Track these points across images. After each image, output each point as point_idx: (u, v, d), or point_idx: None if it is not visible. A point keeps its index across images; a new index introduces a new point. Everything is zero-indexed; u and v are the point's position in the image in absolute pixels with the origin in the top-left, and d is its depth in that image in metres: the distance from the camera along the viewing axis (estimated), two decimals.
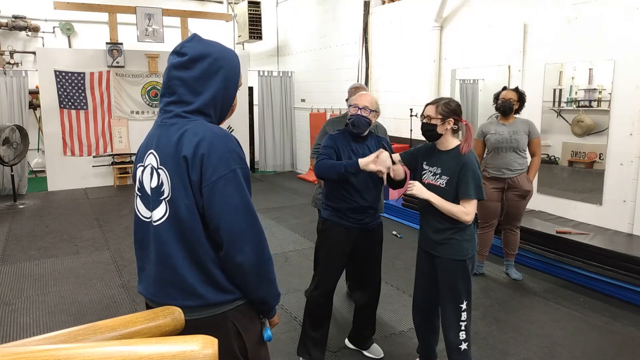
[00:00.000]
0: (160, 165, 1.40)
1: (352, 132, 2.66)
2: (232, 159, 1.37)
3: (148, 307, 1.53)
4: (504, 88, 4.06)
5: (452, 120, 2.37)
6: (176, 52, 1.46)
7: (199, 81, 1.42)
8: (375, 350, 3.00)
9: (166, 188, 1.39)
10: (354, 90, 3.47)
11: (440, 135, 2.41)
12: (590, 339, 3.15)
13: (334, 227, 2.70)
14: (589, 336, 3.19)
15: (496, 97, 4.03)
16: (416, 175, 2.58)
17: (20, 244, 5.22)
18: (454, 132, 2.44)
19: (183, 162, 1.35)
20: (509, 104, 3.90)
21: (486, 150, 4.06)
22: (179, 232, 1.38)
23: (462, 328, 2.43)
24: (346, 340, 3.11)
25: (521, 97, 3.93)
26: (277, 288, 1.50)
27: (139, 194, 1.48)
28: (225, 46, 1.52)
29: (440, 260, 2.44)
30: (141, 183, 1.47)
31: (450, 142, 2.43)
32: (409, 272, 4.33)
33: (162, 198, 1.40)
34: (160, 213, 1.40)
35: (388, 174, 2.46)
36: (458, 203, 2.35)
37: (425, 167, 2.51)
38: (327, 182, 2.70)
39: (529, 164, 4.02)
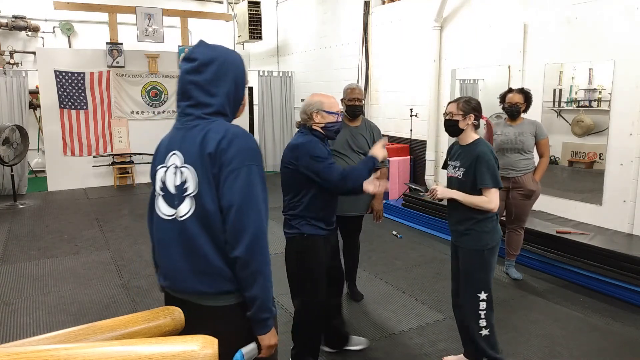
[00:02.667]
0: (184, 163, 1.47)
1: (329, 136, 2.54)
2: (247, 156, 1.44)
3: (171, 299, 1.55)
4: (510, 90, 4.04)
5: (473, 116, 2.55)
6: (187, 58, 1.54)
7: (212, 83, 1.51)
8: (358, 340, 3.02)
9: (191, 184, 1.45)
10: (350, 91, 3.46)
11: (462, 130, 2.58)
12: (590, 339, 3.15)
13: (318, 241, 2.54)
14: (589, 336, 3.19)
15: (502, 98, 4.02)
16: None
17: (20, 244, 5.22)
18: (475, 128, 2.61)
19: (207, 158, 1.43)
20: (516, 108, 3.91)
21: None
22: (205, 225, 1.44)
23: (482, 316, 2.55)
24: (325, 348, 2.98)
25: (527, 98, 3.94)
26: (269, 292, 1.46)
27: (162, 193, 1.53)
28: (229, 48, 1.61)
29: (462, 250, 2.60)
30: (164, 182, 1.53)
31: (470, 137, 2.60)
32: (409, 272, 4.34)
33: (185, 195, 1.46)
34: (185, 209, 1.46)
35: None
36: (476, 194, 2.50)
37: (449, 162, 2.71)
38: (314, 196, 2.48)
39: (536, 164, 4.02)
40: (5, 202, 7.05)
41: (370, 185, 2.39)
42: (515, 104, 3.89)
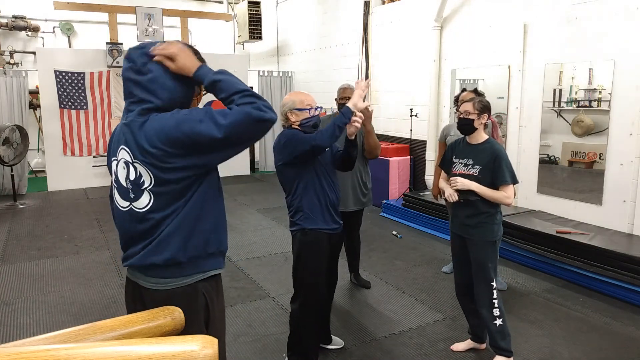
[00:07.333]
0: (134, 159, 1.51)
1: (307, 132, 2.58)
2: (186, 117, 1.47)
3: (129, 281, 1.64)
4: (464, 90, 4.06)
5: (486, 116, 2.69)
6: (127, 58, 1.58)
7: (153, 81, 1.53)
8: (336, 340, 3.08)
9: (146, 179, 1.50)
10: (342, 91, 3.77)
11: (476, 129, 2.71)
12: (590, 339, 3.15)
13: (319, 236, 2.59)
14: (589, 336, 3.19)
15: (456, 99, 4.03)
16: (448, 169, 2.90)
17: (20, 244, 5.22)
18: (485, 127, 2.76)
19: (155, 151, 1.46)
20: None
21: None
22: (164, 213, 1.51)
23: (495, 305, 2.70)
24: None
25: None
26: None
27: (115, 185, 1.61)
28: (178, 42, 1.62)
29: (473, 242, 2.72)
30: (117, 175, 1.59)
31: (481, 136, 2.74)
32: (409, 272, 4.33)
33: (143, 188, 1.52)
34: (145, 201, 1.52)
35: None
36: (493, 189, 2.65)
37: (454, 160, 2.81)
38: (306, 186, 2.56)
39: None
40: (5, 202, 7.05)
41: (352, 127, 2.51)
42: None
